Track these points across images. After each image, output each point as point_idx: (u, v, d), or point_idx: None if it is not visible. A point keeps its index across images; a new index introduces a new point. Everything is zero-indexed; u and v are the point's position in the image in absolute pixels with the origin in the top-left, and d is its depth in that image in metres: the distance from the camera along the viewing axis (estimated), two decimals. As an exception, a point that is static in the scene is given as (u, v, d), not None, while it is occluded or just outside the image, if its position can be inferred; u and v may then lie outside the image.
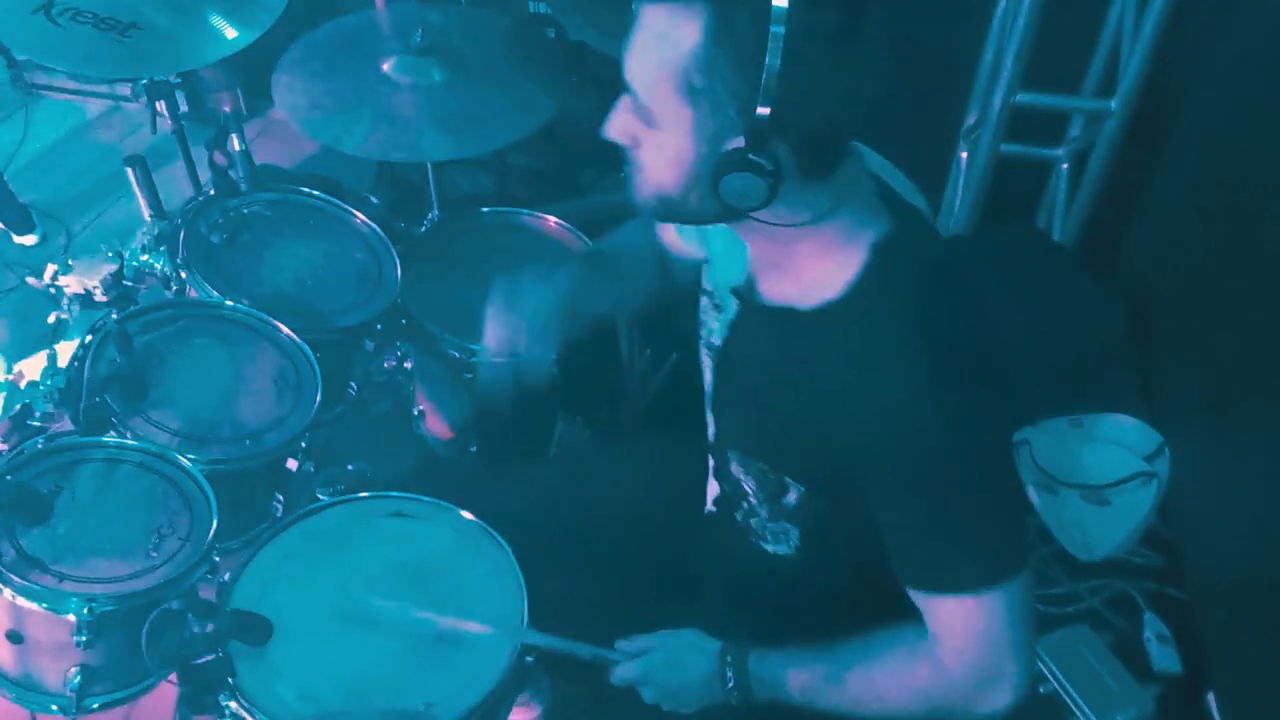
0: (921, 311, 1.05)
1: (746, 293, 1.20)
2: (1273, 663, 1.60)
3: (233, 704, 1.30)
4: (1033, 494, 1.97)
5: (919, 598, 1.12)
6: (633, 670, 1.26)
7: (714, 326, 1.28)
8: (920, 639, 1.13)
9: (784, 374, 1.13)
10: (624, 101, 1.06)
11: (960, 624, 1.10)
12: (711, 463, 1.37)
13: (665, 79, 0.98)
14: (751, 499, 1.25)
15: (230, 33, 1.94)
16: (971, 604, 1.08)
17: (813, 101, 0.95)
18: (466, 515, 1.52)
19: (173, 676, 1.35)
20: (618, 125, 1.07)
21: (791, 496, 1.20)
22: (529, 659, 1.38)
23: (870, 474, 1.08)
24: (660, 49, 0.98)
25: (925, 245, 1.14)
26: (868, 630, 1.18)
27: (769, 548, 1.28)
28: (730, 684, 1.21)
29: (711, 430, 1.34)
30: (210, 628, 1.33)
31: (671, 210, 1.08)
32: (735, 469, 1.25)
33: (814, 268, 1.09)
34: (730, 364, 1.26)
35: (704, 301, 1.31)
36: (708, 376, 1.33)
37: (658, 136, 1.03)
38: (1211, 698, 1.71)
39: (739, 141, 0.98)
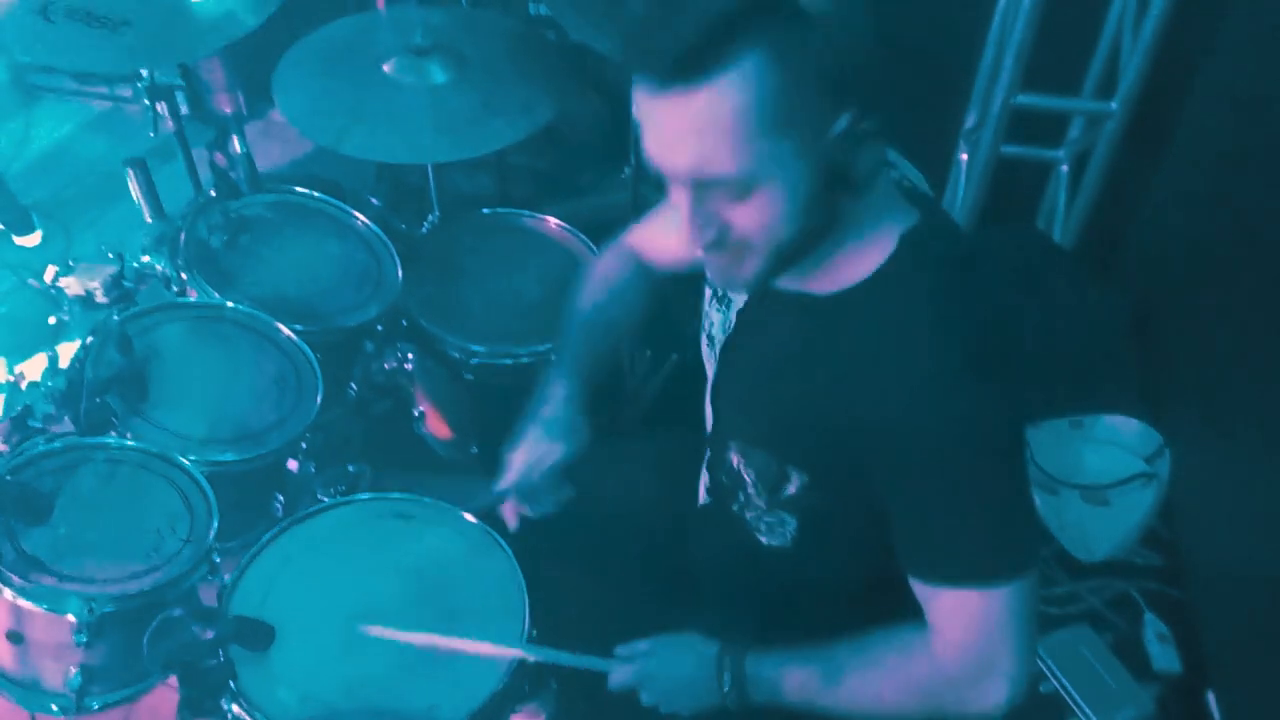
0: (946, 300, 1.05)
1: None
2: (1273, 662, 1.59)
3: (234, 707, 1.30)
4: (1034, 495, 1.97)
5: (921, 588, 1.10)
6: (629, 674, 1.26)
7: (716, 319, 1.28)
8: (917, 634, 1.12)
9: (795, 360, 1.13)
10: (685, 205, 1.00)
11: (961, 617, 1.08)
12: (708, 455, 1.37)
13: (752, 132, 0.93)
14: (750, 489, 1.24)
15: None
16: (974, 597, 1.07)
17: (857, 67, 0.94)
18: (468, 518, 1.52)
19: (174, 679, 1.35)
20: (702, 229, 1.01)
21: (792, 487, 1.19)
22: (531, 660, 1.38)
23: (882, 460, 1.07)
24: (727, 110, 0.92)
25: (951, 238, 1.15)
26: (861, 623, 1.17)
27: (764, 540, 1.27)
28: (727, 686, 1.20)
29: (710, 422, 1.34)
30: (210, 634, 1.33)
31: (787, 257, 1.05)
32: (735, 460, 1.24)
33: (839, 255, 1.08)
34: (736, 352, 1.26)
35: (708, 294, 1.31)
36: (710, 369, 1.32)
37: (766, 193, 0.98)
38: (1211, 697, 1.71)
39: (841, 122, 0.96)
